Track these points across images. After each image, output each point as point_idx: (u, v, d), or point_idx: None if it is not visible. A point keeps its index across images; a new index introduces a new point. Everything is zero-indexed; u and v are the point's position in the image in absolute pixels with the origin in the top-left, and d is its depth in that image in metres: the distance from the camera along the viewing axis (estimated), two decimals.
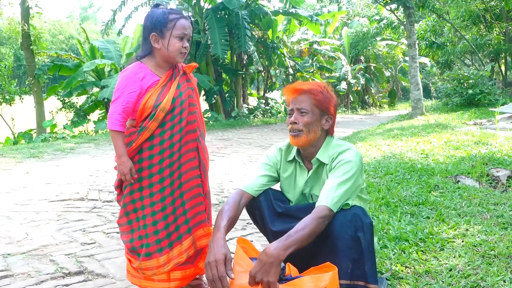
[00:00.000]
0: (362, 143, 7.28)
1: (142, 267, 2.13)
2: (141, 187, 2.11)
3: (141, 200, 2.12)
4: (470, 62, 21.54)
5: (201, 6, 14.77)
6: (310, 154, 2.17)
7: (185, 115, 2.13)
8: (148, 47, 2.12)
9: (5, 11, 19.80)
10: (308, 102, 2.10)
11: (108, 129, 2.09)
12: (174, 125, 2.10)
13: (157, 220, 2.11)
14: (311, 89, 2.11)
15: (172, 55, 2.09)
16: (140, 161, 2.10)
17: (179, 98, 2.12)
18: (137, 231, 2.15)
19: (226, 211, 2.05)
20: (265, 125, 14.09)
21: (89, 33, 21.32)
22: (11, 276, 2.51)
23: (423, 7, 13.65)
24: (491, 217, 3.07)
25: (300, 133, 2.10)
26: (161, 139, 2.09)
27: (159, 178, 2.10)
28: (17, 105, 13.49)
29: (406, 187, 3.97)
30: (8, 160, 6.60)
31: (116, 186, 2.20)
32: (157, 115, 2.05)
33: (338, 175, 2.00)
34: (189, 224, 2.17)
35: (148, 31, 2.10)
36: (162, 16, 2.07)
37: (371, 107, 25.58)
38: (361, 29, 21.68)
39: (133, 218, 2.15)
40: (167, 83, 2.12)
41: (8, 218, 3.64)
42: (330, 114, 2.14)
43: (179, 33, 2.08)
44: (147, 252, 2.12)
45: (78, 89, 13.65)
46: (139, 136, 2.07)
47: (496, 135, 6.45)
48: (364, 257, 1.95)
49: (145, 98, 2.06)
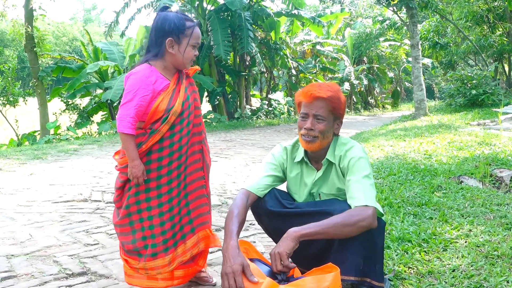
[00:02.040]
0: (365, 143, 7.27)
1: (147, 267, 2.15)
2: (148, 188, 2.11)
3: (147, 201, 2.12)
4: (474, 63, 21.48)
5: (203, 8, 14.79)
6: (319, 155, 2.19)
7: (192, 118, 2.18)
8: (161, 51, 2.11)
9: (9, 13, 19.90)
10: (325, 109, 2.09)
11: (118, 132, 2.06)
12: (182, 128, 2.13)
13: (165, 220, 2.13)
14: (330, 97, 2.09)
15: (185, 62, 2.13)
16: (148, 162, 2.10)
17: (187, 102, 2.16)
18: (140, 232, 2.15)
19: (236, 215, 2.04)
20: (268, 126, 14.09)
21: (93, 35, 21.41)
22: (14, 277, 2.52)
23: (426, 7, 13.63)
24: (495, 218, 3.06)
25: (315, 139, 2.11)
26: (171, 141, 2.11)
27: (167, 179, 2.12)
28: (21, 107, 13.55)
29: (409, 187, 3.96)
30: (12, 161, 6.63)
31: (119, 187, 2.19)
32: (169, 118, 2.07)
33: (359, 174, 2.02)
34: (192, 224, 2.21)
35: (164, 35, 2.09)
36: (180, 21, 2.08)
37: (374, 107, 25.54)
38: (364, 30, 21.66)
39: (135, 219, 2.15)
40: (176, 86, 2.15)
41: (12, 219, 3.65)
42: (341, 117, 2.17)
43: (194, 41, 2.12)
44: (153, 252, 2.13)
45: (81, 91, 13.70)
46: (150, 139, 2.07)
47: (500, 136, 6.43)
48: (376, 255, 1.98)
49: (157, 102, 2.07)
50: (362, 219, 1.88)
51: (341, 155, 2.11)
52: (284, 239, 1.87)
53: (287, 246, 1.84)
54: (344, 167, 2.09)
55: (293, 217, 2.09)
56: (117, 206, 2.22)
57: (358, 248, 1.92)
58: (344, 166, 2.09)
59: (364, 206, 1.91)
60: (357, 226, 1.88)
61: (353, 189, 1.99)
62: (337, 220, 1.88)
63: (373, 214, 1.90)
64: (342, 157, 2.11)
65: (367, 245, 1.93)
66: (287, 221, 2.08)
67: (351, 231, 1.89)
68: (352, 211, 1.92)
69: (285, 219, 2.11)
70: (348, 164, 2.07)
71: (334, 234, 1.89)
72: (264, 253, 2.86)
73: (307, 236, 1.87)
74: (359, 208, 1.92)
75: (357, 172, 2.03)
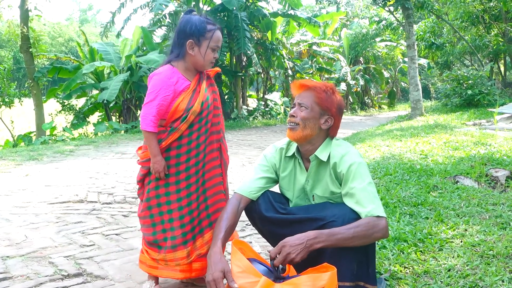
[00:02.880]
0: (362, 144, 7.28)
1: (166, 259, 2.26)
2: (167, 183, 2.23)
3: (167, 196, 2.24)
4: (469, 63, 21.57)
5: (200, 8, 14.78)
6: (308, 151, 2.16)
7: (210, 117, 2.30)
8: (182, 52, 2.22)
9: (4, 14, 19.82)
10: (309, 99, 2.11)
11: (141, 129, 2.20)
12: (201, 127, 2.24)
13: (184, 214, 2.24)
14: (315, 87, 2.12)
15: (205, 63, 2.22)
16: (167, 158, 2.22)
17: (206, 102, 2.26)
18: (161, 225, 2.27)
19: (224, 220, 2.06)
20: (264, 127, 14.10)
21: (89, 36, 21.36)
22: (10, 279, 2.51)
23: (422, 8, 13.67)
24: (490, 217, 3.07)
25: (296, 127, 2.11)
26: (189, 139, 2.22)
27: (186, 175, 2.24)
28: (17, 107, 13.49)
29: (405, 187, 3.97)
30: (8, 162, 6.60)
31: (139, 180, 2.31)
32: (188, 117, 2.19)
33: (362, 181, 2.00)
34: (210, 218, 2.33)
35: (186, 37, 2.19)
36: (201, 24, 2.18)
37: (370, 108, 25.58)
38: (360, 30, 21.71)
39: (155, 212, 2.26)
40: (196, 87, 2.25)
41: (7, 221, 3.64)
42: (331, 114, 2.12)
43: (214, 45, 2.21)
44: (173, 244, 2.24)
45: (77, 92, 13.66)
46: (169, 136, 2.19)
47: (495, 136, 6.46)
48: (369, 258, 1.98)
49: (178, 101, 2.18)
50: (377, 231, 1.89)
51: (336, 160, 2.07)
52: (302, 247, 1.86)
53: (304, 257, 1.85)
54: (342, 173, 2.04)
55: (287, 223, 2.09)
56: (140, 198, 2.34)
57: (351, 254, 1.92)
58: (342, 172, 2.05)
59: (376, 217, 1.91)
60: (372, 238, 1.90)
61: (360, 197, 1.96)
62: (354, 233, 1.86)
63: (386, 225, 1.92)
64: (338, 162, 2.06)
65: (360, 249, 1.92)
66: (280, 226, 2.10)
67: (365, 242, 1.91)
68: (367, 224, 1.89)
69: (278, 225, 2.12)
70: (348, 170, 2.02)
71: (347, 245, 1.88)
72: (261, 253, 2.87)
73: (320, 248, 1.86)
74: (373, 219, 1.90)
75: (359, 178, 2.00)
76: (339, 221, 1.93)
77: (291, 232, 1.93)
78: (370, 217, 1.91)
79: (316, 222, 1.98)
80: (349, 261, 1.92)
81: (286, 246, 1.85)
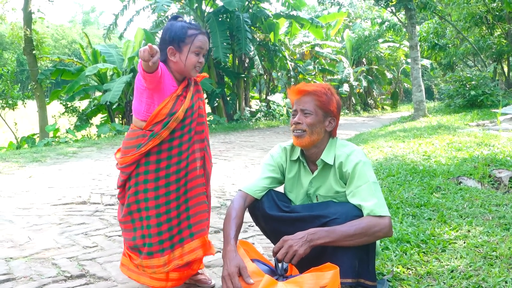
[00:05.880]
0: (365, 145, 7.27)
1: (144, 265, 2.20)
2: (146, 188, 2.15)
3: (146, 201, 2.16)
4: (473, 64, 21.51)
5: (202, 10, 14.81)
6: (313, 155, 2.17)
7: (194, 125, 2.22)
8: (164, 59, 2.16)
9: (8, 16, 19.93)
10: (311, 104, 2.11)
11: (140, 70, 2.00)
12: (183, 134, 2.17)
13: (162, 222, 2.16)
14: (315, 91, 2.12)
15: (187, 69, 2.15)
16: (147, 163, 2.14)
17: (191, 110, 2.19)
18: (140, 230, 2.20)
19: (234, 218, 2.06)
20: (267, 128, 14.09)
21: (91, 38, 21.41)
22: (13, 280, 2.52)
23: (425, 8, 13.65)
24: (493, 218, 3.06)
25: (303, 134, 2.11)
26: (170, 145, 2.15)
27: (165, 182, 2.15)
28: (20, 109, 13.53)
29: (408, 188, 3.96)
30: (11, 164, 6.62)
31: (119, 185, 2.24)
32: (170, 124, 2.11)
33: (367, 180, 2.01)
34: (191, 229, 2.24)
35: (166, 44, 2.14)
36: (181, 30, 2.12)
37: (373, 109, 25.57)
38: (363, 31, 21.69)
39: (136, 217, 2.20)
40: (182, 92, 2.18)
41: (11, 222, 3.65)
42: (333, 115, 2.15)
43: (196, 49, 2.13)
44: (149, 251, 2.17)
45: (80, 94, 13.69)
46: (150, 141, 2.10)
47: (499, 136, 6.44)
48: (369, 256, 1.99)
49: (161, 105, 2.10)
50: (379, 230, 1.91)
51: (342, 159, 2.09)
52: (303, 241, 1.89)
53: (306, 251, 1.87)
54: (348, 172, 2.06)
55: (290, 221, 2.10)
56: (121, 202, 2.28)
57: (353, 251, 1.92)
58: (347, 171, 2.06)
59: (379, 216, 1.92)
60: (375, 236, 1.92)
61: (365, 195, 1.98)
62: (355, 231, 1.88)
63: (390, 224, 1.93)
64: (344, 161, 2.08)
65: (361, 246, 1.94)
66: (284, 224, 2.10)
67: (367, 241, 1.92)
68: (369, 222, 1.91)
69: (282, 223, 2.12)
70: (353, 169, 2.04)
71: (348, 243, 1.90)
72: (264, 254, 2.86)
73: (321, 244, 1.88)
74: (376, 218, 1.92)
75: (364, 177, 2.02)
76: (341, 218, 1.94)
77: (294, 230, 1.94)
78: (372, 216, 1.92)
79: (318, 219, 1.99)
80: (350, 258, 1.93)
81: (288, 240, 1.87)
